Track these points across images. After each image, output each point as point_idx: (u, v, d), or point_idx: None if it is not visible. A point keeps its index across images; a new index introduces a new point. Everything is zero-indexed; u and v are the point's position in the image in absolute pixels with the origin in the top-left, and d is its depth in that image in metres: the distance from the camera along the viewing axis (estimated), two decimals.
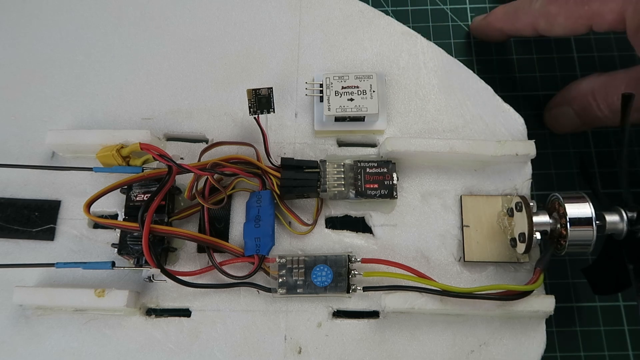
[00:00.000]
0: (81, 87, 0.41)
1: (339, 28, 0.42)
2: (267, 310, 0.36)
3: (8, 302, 0.35)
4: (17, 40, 0.42)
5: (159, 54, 0.41)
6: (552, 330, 0.39)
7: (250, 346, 0.35)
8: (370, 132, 0.39)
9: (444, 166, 0.38)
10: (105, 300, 0.34)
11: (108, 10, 0.43)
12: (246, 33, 0.42)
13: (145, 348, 0.35)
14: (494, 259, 0.36)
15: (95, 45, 0.42)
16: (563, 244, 0.34)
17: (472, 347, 0.35)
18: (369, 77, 0.38)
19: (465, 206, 0.37)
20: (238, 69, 0.41)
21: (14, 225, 0.37)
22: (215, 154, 0.37)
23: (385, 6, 0.49)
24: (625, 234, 0.33)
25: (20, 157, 0.39)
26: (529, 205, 0.34)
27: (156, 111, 0.40)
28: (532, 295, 0.33)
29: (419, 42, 0.41)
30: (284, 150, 0.39)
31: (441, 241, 0.37)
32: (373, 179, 0.36)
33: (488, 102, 0.39)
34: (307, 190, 0.36)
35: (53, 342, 0.35)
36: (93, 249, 0.37)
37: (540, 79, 0.46)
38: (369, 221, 0.38)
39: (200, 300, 0.36)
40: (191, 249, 0.37)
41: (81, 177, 0.38)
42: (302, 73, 0.40)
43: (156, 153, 0.35)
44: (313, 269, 0.34)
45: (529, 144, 0.37)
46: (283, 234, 0.37)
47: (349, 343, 0.35)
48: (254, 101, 0.36)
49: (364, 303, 0.36)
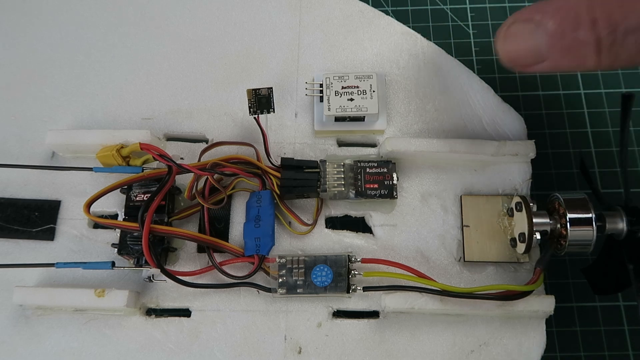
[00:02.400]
0: (81, 87, 0.41)
1: (339, 28, 0.42)
2: (267, 310, 0.36)
3: (8, 302, 0.35)
4: (17, 40, 0.42)
5: (159, 54, 0.41)
6: (552, 330, 0.39)
7: (250, 346, 0.35)
8: (370, 132, 0.39)
9: (444, 166, 0.38)
10: (105, 300, 0.34)
11: (108, 10, 0.43)
12: (246, 33, 0.42)
13: (145, 348, 0.35)
14: (494, 259, 0.36)
15: (95, 45, 0.42)
16: (563, 244, 0.34)
17: (472, 347, 0.35)
18: (369, 77, 0.38)
19: (465, 206, 0.37)
20: (238, 69, 0.41)
21: (14, 225, 0.37)
22: (215, 154, 0.37)
23: (385, 6, 0.49)
24: (625, 234, 0.33)
25: (20, 157, 0.39)
26: (529, 205, 0.34)
27: (156, 111, 0.40)
28: (532, 295, 0.33)
29: (419, 42, 0.41)
30: (284, 150, 0.39)
31: (441, 241, 0.37)
32: (373, 179, 0.36)
33: (488, 102, 0.39)
34: (307, 190, 0.36)
35: (53, 342, 0.35)
36: (93, 249, 0.37)
37: (540, 79, 0.46)
38: (369, 221, 0.38)
39: (200, 300, 0.36)
40: (191, 249, 0.37)
41: (81, 177, 0.38)
42: (302, 73, 0.40)
43: (156, 153, 0.35)
44: (313, 269, 0.34)
45: (529, 144, 0.37)
46: (283, 234, 0.37)
47: (349, 343, 0.35)
48: (254, 101, 0.36)
49: (364, 303, 0.36)
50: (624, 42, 0.25)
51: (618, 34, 0.25)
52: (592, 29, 0.26)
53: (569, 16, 0.26)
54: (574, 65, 0.27)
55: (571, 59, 0.27)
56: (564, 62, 0.27)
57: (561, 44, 0.26)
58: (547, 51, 0.27)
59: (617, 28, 0.25)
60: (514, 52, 0.29)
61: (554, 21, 0.26)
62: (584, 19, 0.26)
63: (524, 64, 0.29)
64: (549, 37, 0.27)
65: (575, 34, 0.26)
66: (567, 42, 0.26)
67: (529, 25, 0.27)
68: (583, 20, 0.26)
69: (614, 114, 0.45)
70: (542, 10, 0.27)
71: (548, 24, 0.26)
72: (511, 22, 0.28)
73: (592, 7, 0.26)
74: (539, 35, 0.27)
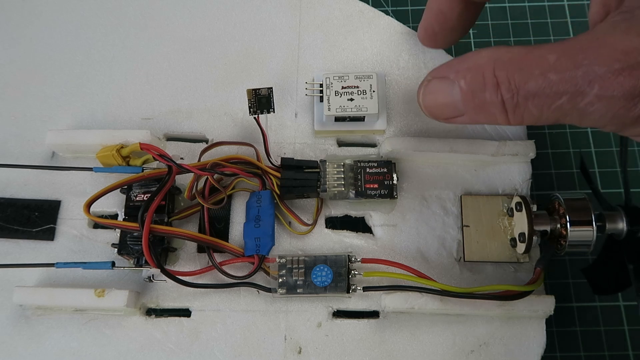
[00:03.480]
0: (81, 87, 0.41)
1: (339, 28, 0.42)
2: (267, 310, 0.36)
3: (8, 302, 0.35)
4: (17, 40, 0.42)
5: (159, 54, 0.41)
6: (552, 330, 0.39)
7: (250, 346, 0.35)
8: (370, 132, 0.39)
9: (444, 166, 0.38)
10: (105, 300, 0.34)
11: (108, 11, 0.43)
12: (246, 33, 0.42)
13: (145, 348, 0.35)
14: (494, 259, 0.36)
15: (95, 45, 0.42)
16: (563, 244, 0.34)
17: (472, 347, 0.35)
18: (369, 77, 0.38)
19: (465, 206, 0.37)
20: (238, 69, 0.41)
21: (14, 225, 0.37)
22: (215, 154, 0.37)
23: (385, 6, 0.49)
24: (625, 234, 0.33)
25: (20, 157, 0.39)
26: (529, 205, 0.34)
27: (156, 111, 0.40)
28: (532, 295, 0.33)
29: (419, 42, 0.41)
30: (284, 150, 0.39)
31: (441, 241, 0.37)
32: (373, 179, 0.36)
33: None
34: (307, 190, 0.36)
35: (53, 342, 0.35)
36: (93, 249, 0.37)
37: None
38: (369, 221, 0.38)
39: (200, 300, 0.36)
40: (191, 249, 0.37)
41: (81, 177, 0.38)
42: (302, 73, 0.40)
43: (156, 153, 0.35)
44: (313, 269, 0.34)
45: (529, 144, 0.37)
46: (283, 234, 0.37)
47: (349, 343, 0.35)
48: (254, 101, 0.36)
49: (364, 303, 0.36)
50: (526, 105, 0.26)
51: (520, 98, 0.26)
52: (496, 91, 0.26)
53: (477, 77, 0.27)
54: (488, 121, 0.29)
55: (484, 116, 0.28)
56: (479, 118, 0.29)
57: (473, 102, 0.28)
58: (463, 107, 0.28)
59: (518, 92, 0.26)
60: (434, 107, 0.30)
61: (465, 81, 0.27)
62: (489, 81, 0.26)
63: (444, 117, 0.30)
64: (462, 95, 0.28)
65: (483, 95, 0.27)
66: (478, 101, 0.27)
67: (445, 82, 0.29)
68: (488, 82, 0.26)
69: None
70: (456, 69, 0.28)
71: (461, 83, 0.28)
72: (429, 79, 0.30)
73: (497, 70, 0.26)
74: (454, 92, 0.28)
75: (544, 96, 0.25)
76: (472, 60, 0.28)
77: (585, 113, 0.25)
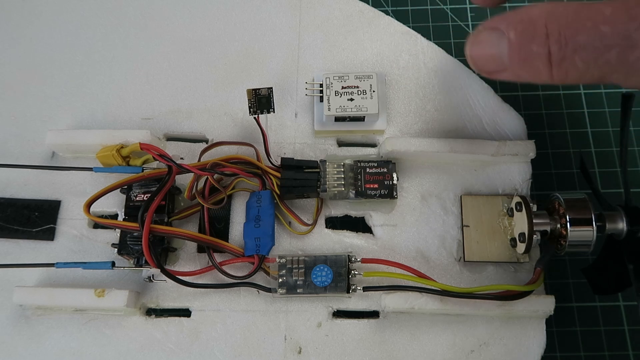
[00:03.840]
0: (81, 87, 0.41)
1: (339, 28, 0.42)
2: (267, 310, 0.36)
3: (8, 302, 0.35)
4: (17, 40, 0.42)
5: (159, 54, 0.41)
6: (552, 330, 0.39)
7: (250, 346, 0.35)
8: (370, 132, 0.39)
9: (444, 166, 0.38)
10: (105, 300, 0.34)
11: (108, 11, 0.43)
12: (246, 33, 0.42)
13: (145, 348, 0.35)
14: (494, 259, 0.36)
15: (95, 45, 0.42)
16: (563, 244, 0.34)
17: (472, 347, 0.35)
18: (369, 77, 0.38)
19: (465, 206, 0.37)
20: (238, 69, 0.41)
21: (14, 225, 0.37)
22: (215, 154, 0.37)
23: (385, 6, 0.49)
24: (625, 234, 0.33)
25: (20, 157, 0.39)
26: (529, 205, 0.34)
27: (156, 111, 0.40)
28: (532, 295, 0.33)
29: (419, 42, 0.41)
30: (284, 150, 0.39)
31: (441, 241, 0.37)
32: (373, 179, 0.36)
33: (488, 102, 0.39)
34: (307, 190, 0.36)
35: (53, 342, 0.35)
36: (93, 249, 0.37)
37: None
38: (369, 221, 0.38)
39: (200, 300, 0.36)
40: (191, 249, 0.37)
41: (81, 177, 0.38)
42: (302, 73, 0.40)
43: (156, 153, 0.35)
44: (313, 269, 0.34)
45: (529, 144, 0.37)
46: (283, 234, 0.37)
47: (349, 343, 0.35)
48: (254, 101, 0.36)
49: (364, 303, 0.36)
50: (573, 59, 0.25)
51: (567, 50, 0.25)
52: (545, 43, 0.26)
53: (528, 28, 0.26)
54: (530, 77, 0.28)
55: (527, 71, 0.27)
56: (521, 73, 0.28)
57: (519, 55, 0.27)
58: (508, 60, 0.28)
59: (567, 44, 0.25)
60: (479, 58, 0.29)
61: (514, 32, 0.27)
62: (539, 32, 0.26)
63: (487, 70, 0.29)
64: (509, 47, 0.27)
65: (530, 46, 0.26)
66: (524, 53, 0.27)
67: (495, 33, 0.28)
68: (538, 33, 0.26)
69: (614, 114, 0.45)
70: (507, 20, 0.27)
71: (510, 34, 0.27)
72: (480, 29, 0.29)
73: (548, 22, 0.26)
74: (502, 44, 0.27)
75: (593, 49, 0.25)
76: (525, 12, 0.27)
77: (633, 69, 0.25)
